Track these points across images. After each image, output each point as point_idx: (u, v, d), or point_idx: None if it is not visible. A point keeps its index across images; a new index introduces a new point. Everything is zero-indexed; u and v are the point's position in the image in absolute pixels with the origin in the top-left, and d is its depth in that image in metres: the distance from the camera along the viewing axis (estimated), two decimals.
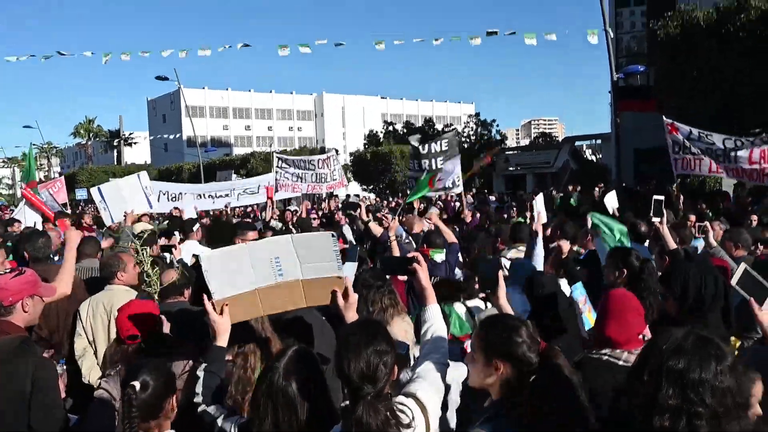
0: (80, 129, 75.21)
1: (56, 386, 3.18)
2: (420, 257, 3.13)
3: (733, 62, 14.88)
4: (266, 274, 2.96)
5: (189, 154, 66.40)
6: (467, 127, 47.65)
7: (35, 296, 3.46)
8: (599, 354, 3.15)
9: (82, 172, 57.06)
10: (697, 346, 1.81)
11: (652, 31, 18.23)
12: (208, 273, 2.90)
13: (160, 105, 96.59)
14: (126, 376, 2.74)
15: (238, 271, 2.94)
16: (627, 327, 3.13)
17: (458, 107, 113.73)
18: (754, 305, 2.61)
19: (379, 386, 2.31)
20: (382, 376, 2.32)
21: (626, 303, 3.24)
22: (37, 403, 3.04)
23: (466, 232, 11.71)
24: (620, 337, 3.12)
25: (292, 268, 2.98)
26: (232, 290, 2.93)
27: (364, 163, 40.13)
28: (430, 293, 3.01)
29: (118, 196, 8.64)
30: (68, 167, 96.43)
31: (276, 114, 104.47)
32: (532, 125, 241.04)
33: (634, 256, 4.64)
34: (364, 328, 2.49)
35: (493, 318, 2.67)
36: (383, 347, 2.37)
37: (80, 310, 4.94)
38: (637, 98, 22.65)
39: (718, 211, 12.00)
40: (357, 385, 2.29)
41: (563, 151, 35.90)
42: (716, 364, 1.77)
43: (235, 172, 46.57)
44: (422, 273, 3.02)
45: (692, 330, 1.90)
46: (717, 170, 11.11)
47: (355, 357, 2.31)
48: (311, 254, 2.98)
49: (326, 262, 2.99)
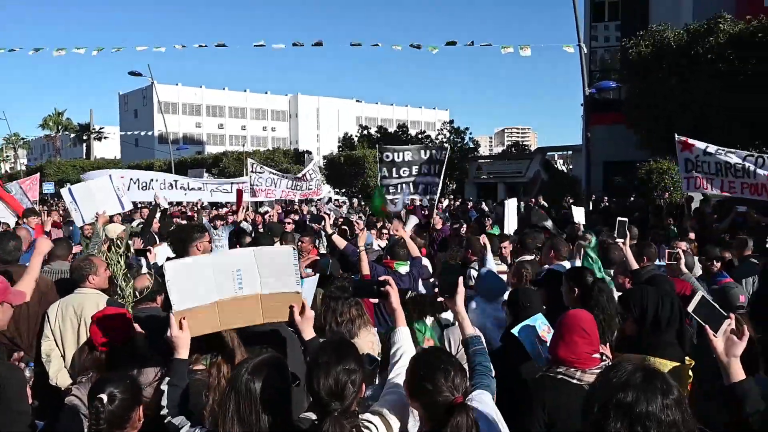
0: (49, 121, 73.88)
1: (24, 392, 3.19)
2: (391, 280, 3.22)
3: (702, 84, 15.23)
4: (227, 287, 2.99)
5: (160, 151, 65.68)
6: (441, 134, 47.91)
7: (4, 303, 3.47)
8: (555, 372, 3.29)
9: (50, 165, 56.12)
10: (644, 381, 1.89)
11: (625, 49, 18.58)
12: (170, 283, 2.93)
13: (131, 100, 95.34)
14: (93, 389, 2.81)
15: (200, 282, 2.96)
16: (574, 347, 3.25)
17: (433, 113, 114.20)
18: (709, 332, 2.72)
19: (346, 403, 2.41)
20: (349, 393, 2.42)
21: (575, 324, 3.33)
22: (4, 409, 3.05)
23: (438, 239, 11.86)
24: (568, 357, 3.25)
25: (252, 282, 3.01)
26: (192, 302, 2.94)
27: (337, 166, 40.11)
28: (400, 315, 3.13)
29: (89, 197, 8.55)
30: (35, 160, 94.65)
31: (250, 113, 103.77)
32: (506, 133, 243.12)
33: (587, 275, 4.79)
34: (335, 346, 2.57)
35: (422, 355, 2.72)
36: (352, 366, 2.46)
37: (49, 313, 4.91)
38: (609, 111, 23.08)
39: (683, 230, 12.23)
40: (325, 402, 2.39)
41: (535, 161, 36.31)
42: (662, 398, 1.85)
43: (207, 170, 46.14)
44: (393, 296, 3.13)
45: (640, 365, 1.99)
46: (731, 190, 10.67)
47: (324, 374, 2.41)
48: (272, 269, 3.02)
49: (285, 277, 3.03)
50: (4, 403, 3.05)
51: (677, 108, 15.81)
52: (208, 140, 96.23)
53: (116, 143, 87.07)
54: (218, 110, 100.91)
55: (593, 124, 21.07)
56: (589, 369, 3.19)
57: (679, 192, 18.79)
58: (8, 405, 3.07)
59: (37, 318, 4.97)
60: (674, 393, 1.88)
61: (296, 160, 45.67)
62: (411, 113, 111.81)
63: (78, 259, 5.31)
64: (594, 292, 4.40)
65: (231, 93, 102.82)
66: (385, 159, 13.52)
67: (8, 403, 3.06)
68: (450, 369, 2.50)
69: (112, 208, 8.74)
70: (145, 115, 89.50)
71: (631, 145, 19.99)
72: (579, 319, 3.37)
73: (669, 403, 1.85)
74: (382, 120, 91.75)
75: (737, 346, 2.63)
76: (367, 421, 2.49)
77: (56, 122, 73.87)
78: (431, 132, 51.73)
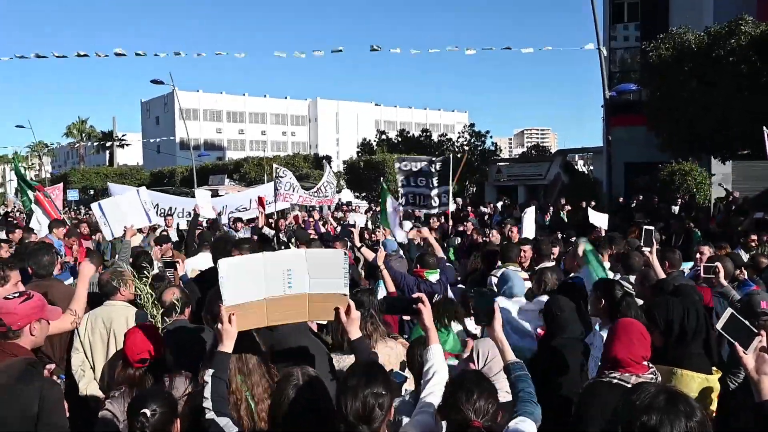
0: (72, 129, 74.81)
1: (62, 407, 3.27)
2: (424, 298, 3.23)
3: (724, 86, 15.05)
4: (277, 286, 3.06)
5: (181, 157, 66.30)
6: (461, 137, 47.84)
7: (42, 320, 3.57)
8: (609, 377, 3.33)
9: (74, 172, 56.95)
10: (668, 403, 1.91)
11: (645, 52, 18.43)
12: (223, 279, 2.97)
13: (153, 107, 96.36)
14: (134, 404, 2.91)
15: (252, 280, 3.02)
16: (632, 348, 3.31)
17: (452, 116, 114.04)
18: (738, 349, 2.71)
19: (374, 426, 2.43)
20: (377, 417, 2.43)
21: (633, 327, 3.44)
22: (44, 424, 3.13)
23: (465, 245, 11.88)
24: (626, 358, 3.30)
25: (301, 282, 3.08)
26: (242, 298, 3.00)
27: (356, 170, 40.23)
28: (433, 334, 3.17)
29: (117, 212, 8.77)
30: (60, 167, 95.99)
31: (270, 118, 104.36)
32: (525, 135, 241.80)
33: (616, 288, 4.78)
34: (364, 370, 2.59)
35: (459, 374, 2.81)
36: (380, 390, 2.47)
37: (78, 326, 5.00)
38: (629, 113, 22.90)
39: (706, 233, 12.10)
40: (353, 425, 2.41)
41: (555, 163, 36.03)
42: (686, 421, 1.87)
43: (228, 176, 46.59)
44: (426, 314, 3.15)
45: (663, 387, 2.03)
46: None
47: (352, 398, 2.42)
48: (321, 270, 3.09)
49: (334, 279, 3.09)
50: (44, 418, 3.12)
51: (699, 110, 15.64)
52: (228, 146, 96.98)
53: (138, 150, 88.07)
54: (238, 116, 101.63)
55: (614, 126, 20.95)
56: (642, 374, 3.26)
57: (702, 194, 18.62)
58: (48, 419, 3.14)
59: (68, 331, 5.05)
60: (697, 415, 1.90)
61: (316, 164, 45.87)
62: (430, 116, 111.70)
63: (108, 272, 5.40)
64: (622, 306, 4.40)
65: (251, 98, 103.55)
66: (403, 168, 13.74)
67: (48, 417, 3.14)
68: (474, 391, 2.53)
69: (140, 221, 8.92)
70: (167, 121, 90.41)
71: (652, 147, 19.81)
72: (635, 323, 3.50)
73: (693, 426, 1.87)
74: (401, 123, 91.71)
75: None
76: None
77: (80, 130, 74.79)
78: (452, 135, 51.61)
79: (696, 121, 15.81)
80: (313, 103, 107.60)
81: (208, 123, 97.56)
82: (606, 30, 25.35)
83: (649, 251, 6.02)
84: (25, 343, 3.45)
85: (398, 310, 3.65)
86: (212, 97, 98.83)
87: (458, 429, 2.52)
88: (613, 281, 5.31)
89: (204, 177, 45.19)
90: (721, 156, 18.37)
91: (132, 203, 9.07)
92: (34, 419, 3.10)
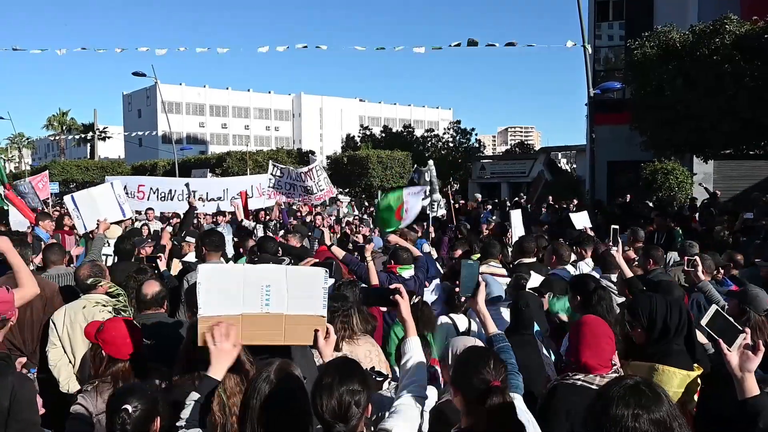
0: (53, 121, 73.97)
1: (34, 402, 3.19)
2: (402, 289, 3.19)
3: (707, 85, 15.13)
4: (254, 302, 2.94)
5: (164, 151, 65.73)
6: (447, 133, 47.87)
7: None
8: (573, 379, 3.28)
9: (55, 165, 56.11)
10: (636, 394, 2.01)
11: (630, 50, 18.52)
12: (200, 286, 2.88)
13: (135, 100, 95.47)
14: (115, 400, 2.82)
15: (229, 291, 2.91)
16: (601, 353, 3.27)
17: (436, 112, 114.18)
18: (723, 346, 2.70)
19: (351, 425, 2.37)
20: (354, 415, 2.38)
21: (599, 329, 3.36)
22: (15, 420, 3.04)
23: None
24: (596, 364, 3.26)
25: (279, 300, 2.96)
26: (217, 310, 2.88)
27: (340, 166, 40.11)
28: (411, 325, 3.11)
29: (91, 204, 8.64)
30: (40, 159, 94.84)
31: (253, 113, 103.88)
32: (509, 132, 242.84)
33: (589, 282, 4.78)
34: (339, 367, 2.52)
35: (466, 349, 2.86)
36: (356, 387, 2.42)
37: (55, 320, 4.89)
38: (613, 111, 23.03)
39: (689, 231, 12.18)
40: (329, 423, 2.36)
41: (538, 161, 36.25)
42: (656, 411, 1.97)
43: (211, 170, 46.21)
44: (404, 305, 3.10)
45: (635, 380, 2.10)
46: None
47: (328, 395, 2.37)
48: (300, 289, 2.98)
49: (313, 299, 2.99)
50: (15, 414, 3.04)
51: (682, 109, 15.72)
52: (211, 140, 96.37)
53: (120, 143, 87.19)
54: (222, 110, 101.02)
55: (597, 124, 21.05)
56: (606, 374, 3.22)
57: (683, 193, 18.76)
58: (19, 415, 3.06)
59: (41, 325, 4.94)
60: (665, 405, 1.99)
61: (299, 160, 45.69)
62: (414, 112, 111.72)
63: (86, 266, 5.27)
64: (593, 300, 4.39)
65: (234, 93, 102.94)
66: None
67: (19, 413, 3.06)
68: (489, 357, 2.66)
69: (113, 215, 8.80)
70: (149, 115, 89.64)
71: (635, 146, 19.96)
72: (600, 323, 3.43)
73: (661, 416, 1.96)
74: (385, 119, 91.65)
75: (752, 361, 2.61)
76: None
77: (60, 122, 73.97)
78: (437, 132, 51.63)
79: (679, 120, 15.90)
80: (297, 98, 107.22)
81: (190, 117, 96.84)
82: (591, 28, 25.45)
83: (615, 250, 6.01)
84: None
85: (375, 301, 3.60)
86: (195, 91, 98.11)
87: (479, 394, 2.55)
88: (587, 276, 5.31)
89: (186, 171, 44.68)
90: (703, 155, 18.52)
91: (105, 196, 8.96)
92: (4, 414, 3.02)
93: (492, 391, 2.51)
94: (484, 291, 3.45)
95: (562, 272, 6.84)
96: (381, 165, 35.67)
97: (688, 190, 18.11)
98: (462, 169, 41.36)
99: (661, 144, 17.34)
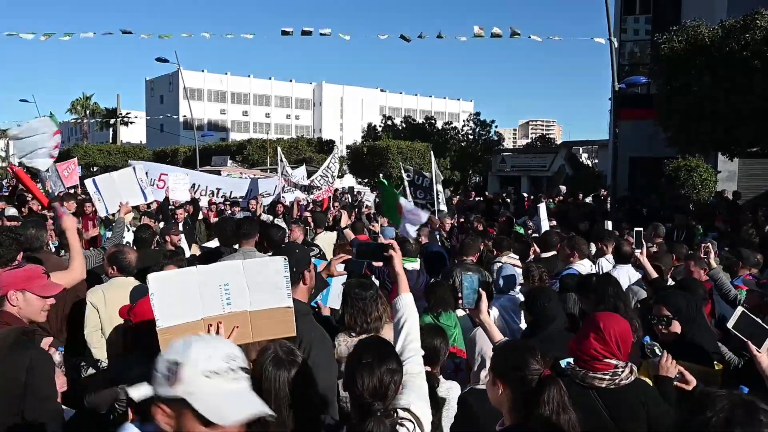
0: (76, 105, 74.62)
1: (51, 378, 3.19)
2: (395, 244, 3.20)
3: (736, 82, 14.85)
4: (214, 303, 2.81)
5: (185, 137, 66.14)
6: (467, 125, 47.63)
7: (26, 291, 3.46)
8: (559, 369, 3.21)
9: (77, 149, 56.66)
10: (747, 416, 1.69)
11: (656, 44, 18.24)
12: (154, 297, 2.71)
13: (158, 85, 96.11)
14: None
15: (185, 297, 2.76)
16: (584, 342, 3.03)
17: (457, 104, 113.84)
18: (752, 348, 2.64)
19: (387, 403, 2.41)
20: (391, 393, 2.44)
21: (593, 321, 3.11)
22: (31, 393, 3.07)
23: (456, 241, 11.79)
24: (576, 353, 3.09)
25: (240, 297, 2.84)
26: (176, 319, 2.73)
27: (360, 156, 40.06)
28: (404, 281, 3.10)
29: (112, 188, 8.73)
30: (63, 143, 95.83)
31: (274, 101, 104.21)
32: (530, 126, 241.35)
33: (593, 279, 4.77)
34: (376, 347, 2.57)
35: (504, 343, 2.88)
36: (394, 366, 2.47)
37: (92, 299, 4.97)
38: (637, 107, 22.72)
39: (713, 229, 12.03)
40: (368, 402, 2.38)
41: (560, 155, 35.99)
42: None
43: (231, 158, 46.50)
44: (397, 259, 3.12)
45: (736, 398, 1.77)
46: None
47: (369, 375, 2.40)
48: (261, 282, 2.87)
49: (275, 290, 2.88)
50: (31, 387, 3.06)
51: (710, 105, 15.43)
52: (232, 127, 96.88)
53: (142, 128, 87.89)
54: (243, 97, 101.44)
55: (621, 119, 20.80)
56: (598, 373, 2.99)
57: (707, 190, 18.47)
58: (36, 389, 3.08)
59: (65, 302, 4.98)
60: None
61: (320, 149, 45.73)
62: (435, 104, 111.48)
63: (121, 250, 5.33)
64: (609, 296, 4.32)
65: (256, 80, 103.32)
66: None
67: (36, 388, 3.07)
68: (535, 349, 2.64)
69: (135, 199, 8.87)
70: (171, 100, 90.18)
71: (658, 142, 19.67)
72: (600, 317, 3.13)
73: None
74: (406, 110, 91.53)
75: None
76: (403, 419, 2.48)
77: (84, 106, 74.59)
78: (457, 124, 51.41)
79: (706, 116, 15.62)
80: (318, 87, 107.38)
81: (212, 104, 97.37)
82: (617, 22, 25.11)
83: (639, 252, 5.98)
84: (11, 312, 3.38)
85: (368, 255, 3.56)
86: (217, 78, 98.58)
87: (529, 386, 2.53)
88: (591, 276, 5.25)
89: (207, 157, 45.07)
90: (729, 153, 18.22)
91: (127, 180, 9.04)
92: (21, 388, 3.04)
93: (547, 382, 2.50)
94: (486, 300, 3.47)
95: (579, 267, 6.73)
96: (401, 155, 35.57)
97: (711, 188, 17.82)
98: (481, 162, 41.15)
99: (686, 140, 17.06)
